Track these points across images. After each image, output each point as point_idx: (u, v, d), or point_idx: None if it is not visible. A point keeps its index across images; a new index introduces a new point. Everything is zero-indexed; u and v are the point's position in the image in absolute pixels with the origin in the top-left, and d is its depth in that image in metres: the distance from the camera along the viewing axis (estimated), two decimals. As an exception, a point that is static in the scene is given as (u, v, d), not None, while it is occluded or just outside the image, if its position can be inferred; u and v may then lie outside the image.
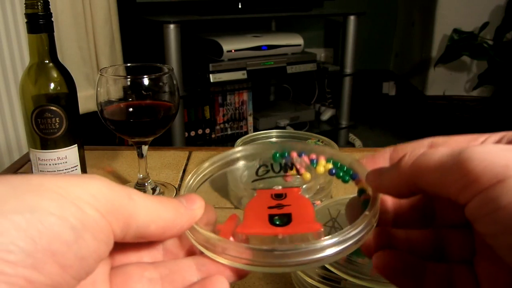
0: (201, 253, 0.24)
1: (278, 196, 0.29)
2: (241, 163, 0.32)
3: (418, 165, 0.23)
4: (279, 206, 0.27)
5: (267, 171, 0.32)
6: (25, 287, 0.16)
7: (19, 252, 0.16)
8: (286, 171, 0.31)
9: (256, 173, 0.31)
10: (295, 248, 0.22)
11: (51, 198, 0.18)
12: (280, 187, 0.30)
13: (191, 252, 0.25)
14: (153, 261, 0.24)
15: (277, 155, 0.31)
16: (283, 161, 0.31)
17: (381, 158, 0.28)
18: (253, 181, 0.31)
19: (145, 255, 0.25)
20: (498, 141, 0.24)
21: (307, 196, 0.30)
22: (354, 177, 0.29)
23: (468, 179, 0.20)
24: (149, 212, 0.22)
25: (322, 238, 0.22)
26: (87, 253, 0.19)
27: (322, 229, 0.25)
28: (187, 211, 0.24)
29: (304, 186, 0.30)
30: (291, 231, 0.25)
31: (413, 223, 0.27)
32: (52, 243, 0.17)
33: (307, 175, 0.30)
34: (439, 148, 0.22)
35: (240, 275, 0.24)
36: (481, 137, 0.25)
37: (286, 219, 0.26)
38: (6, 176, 0.19)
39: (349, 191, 0.67)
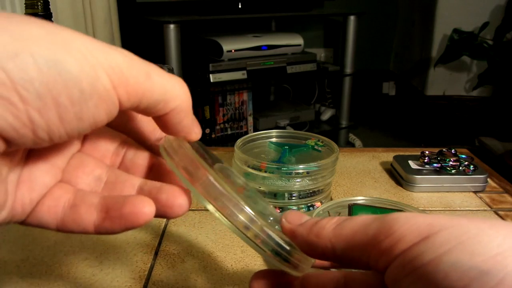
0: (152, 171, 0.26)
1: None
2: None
3: (341, 230, 0.23)
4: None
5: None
6: (26, 124, 0.18)
7: (33, 92, 0.18)
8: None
9: None
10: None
11: (75, 56, 0.19)
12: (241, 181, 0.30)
13: (140, 172, 0.26)
14: (110, 164, 0.26)
15: None
16: None
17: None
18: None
19: (108, 157, 0.26)
20: None
21: None
22: None
23: (391, 240, 0.20)
24: (164, 93, 0.22)
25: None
26: (86, 116, 0.19)
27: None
28: (192, 119, 0.25)
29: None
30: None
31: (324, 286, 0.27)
32: (61, 95, 0.18)
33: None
34: (362, 215, 0.23)
35: (180, 207, 0.24)
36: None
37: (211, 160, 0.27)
38: (39, 20, 0.19)
39: (349, 193, 0.67)
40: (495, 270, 0.18)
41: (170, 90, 0.22)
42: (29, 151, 0.23)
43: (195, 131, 0.25)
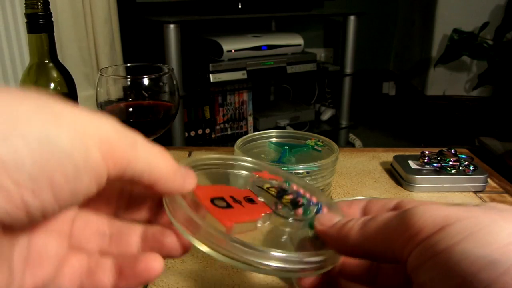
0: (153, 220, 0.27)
1: (250, 200, 0.30)
2: (244, 172, 0.33)
3: (366, 229, 0.24)
4: (236, 202, 0.29)
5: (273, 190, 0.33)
6: (18, 206, 0.18)
7: (26, 174, 0.17)
8: (293, 208, 0.32)
9: (262, 185, 0.32)
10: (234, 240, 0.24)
11: (67, 131, 0.19)
12: (263, 200, 0.31)
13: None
14: (110, 217, 0.26)
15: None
16: (293, 195, 0.32)
17: (356, 206, 0.29)
18: (256, 186, 0.32)
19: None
20: None
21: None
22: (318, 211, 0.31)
23: (411, 232, 0.21)
24: (148, 163, 0.23)
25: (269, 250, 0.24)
26: (80, 190, 0.20)
27: (232, 227, 0.26)
28: (180, 178, 0.25)
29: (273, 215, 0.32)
30: (211, 212, 0.27)
31: (358, 278, 0.29)
32: (55, 173, 0.18)
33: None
34: (386, 212, 0.24)
35: (184, 248, 0.25)
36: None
37: (223, 206, 0.28)
38: (29, 94, 0.19)
39: (349, 193, 0.67)
40: (504, 259, 0.19)
41: (153, 161, 0.23)
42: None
43: (186, 186, 0.25)
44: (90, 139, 0.20)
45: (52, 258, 0.23)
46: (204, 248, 0.24)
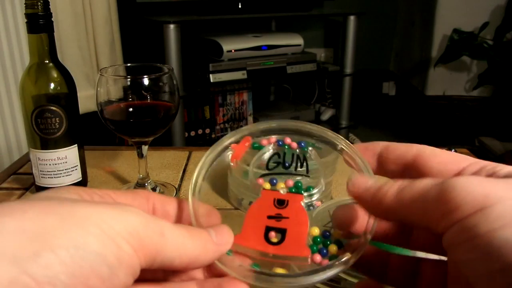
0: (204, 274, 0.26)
1: (280, 203, 0.29)
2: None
3: (402, 197, 0.24)
4: (278, 218, 0.29)
5: (278, 164, 0.32)
6: None
7: (61, 285, 0.18)
8: (296, 168, 0.32)
9: (267, 166, 0.32)
10: (279, 274, 0.25)
11: (95, 234, 0.19)
12: (285, 190, 0.30)
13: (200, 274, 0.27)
14: (161, 283, 0.26)
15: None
16: (296, 153, 0.32)
17: (371, 151, 0.29)
18: (261, 176, 0.31)
19: (156, 278, 0.26)
20: (477, 171, 0.25)
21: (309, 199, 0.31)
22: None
23: (449, 208, 0.21)
24: (177, 249, 0.23)
25: (304, 270, 0.25)
26: (117, 286, 0.20)
27: (309, 255, 0.27)
28: (214, 246, 0.24)
29: (305, 195, 0.31)
30: (281, 252, 0.27)
31: (390, 238, 0.28)
32: (90, 279, 0.19)
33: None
34: (422, 179, 0.23)
35: None
36: (464, 161, 0.26)
37: (280, 236, 0.28)
38: (50, 202, 0.20)
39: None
40: None
41: (180, 245, 0.23)
42: None
43: (223, 249, 0.25)
44: (119, 236, 0.20)
45: None
46: None
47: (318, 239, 0.28)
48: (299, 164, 0.31)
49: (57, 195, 0.22)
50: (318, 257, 0.27)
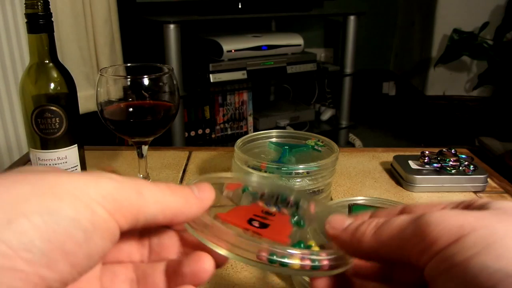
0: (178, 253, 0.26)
1: (268, 213, 0.30)
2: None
3: (380, 235, 0.24)
4: (263, 217, 0.29)
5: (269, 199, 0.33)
6: (37, 283, 0.18)
7: (37, 251, 0.18)
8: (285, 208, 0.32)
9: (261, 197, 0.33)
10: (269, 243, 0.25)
11: (67, 200, 0.19)
12: (274, 209, 0.31)
13: (172, 250, 0.27)
14: (134, 261, 0.26)
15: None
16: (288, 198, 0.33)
17: (391, 214, 0.29)
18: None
19: (134, 253, 0.26)
20: (455, 207, 0.25)
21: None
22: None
23: (427, 242, 0.22)
24: (158, 204, 0.23)
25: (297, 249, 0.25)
26: (94, 252, 0.20)
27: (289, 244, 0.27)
28: (196, 201, 0.25)
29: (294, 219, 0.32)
30: (262, 234, 0.27)
31: (372, 277, 0.29)
32: (65, 243, 0.19)
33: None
34: (398, 216, 0.24)
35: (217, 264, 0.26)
36: (441, 204, 0.26)
37: (262, 225, 0.28)
38: (23, 173, 0.20)
39: (349, 193, 0.67)
40: None
41: (161, 200, 0.23)
42: None
43: (205, 203, 0.25)
44: (92, 201, 0.20)
45: None
46: (223, 251, 0.25)
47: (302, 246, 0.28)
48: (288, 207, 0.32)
49: (30, 168, 0.22)
50: (308, 262, 0.27)
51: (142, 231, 0.27)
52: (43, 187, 0.19)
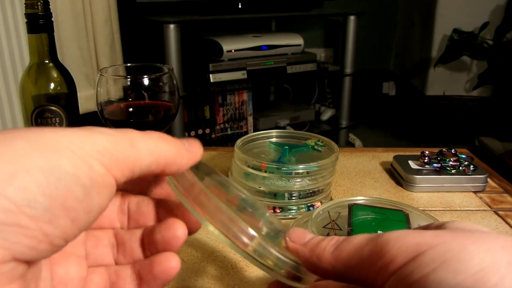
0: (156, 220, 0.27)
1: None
2: None
3: (339, 253, 0.24)
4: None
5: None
6: (41, 239, 0.18)
7: (40, 208, 0.18)
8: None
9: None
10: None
11: (66, 156, 0.19)
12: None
13: (149, 218, 0.27)
14: (115, 227, 0.27)
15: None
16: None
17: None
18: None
19: (115, 220, 0.27)
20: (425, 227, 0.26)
21: None
22: None
23: (384, 261, 0.22)
24: (152, 154, 0.23)
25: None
26: (93, 207, 0.20)
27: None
28: (187, 152, 0.25)
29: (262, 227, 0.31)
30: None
31: None
32: (66, 199, 0.19)
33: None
34: (358, 235, 0.24)
35: (191, 231, 0.26)
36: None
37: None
38: (18, 130, 0.20)
39: (348, 193, 0.67)
40: (477, 285, 0.19)
41: (155, 150, 0.23)
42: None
43: (195, 156, 0.26)
44: (89, 156, 0.20)
45: (75, 282, 0.24)
46: (211, 227, 0.25)
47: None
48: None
49: (24, 128, 0.22)
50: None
51: (123, 199, 0.27)
52: (40, 143, 0.19)
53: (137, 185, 0.27)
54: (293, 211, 0.55)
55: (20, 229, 0.17)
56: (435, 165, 0.66)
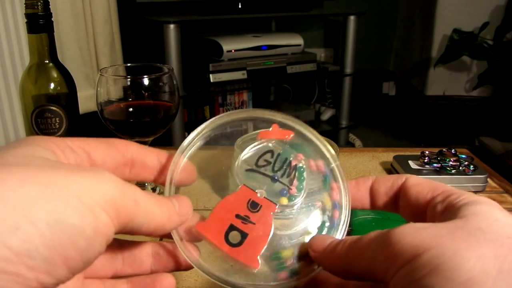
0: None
1: (254, 206, 0.29)
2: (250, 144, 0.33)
3: (351, 251, 0.25)
4: (245, 221, 0.28)
5: (267, 164, 0.31)
6: (35, 286, 0.18)
7: (40, 259, 0.18)
8: (282, 176, 0.31)
9: (256, 162, 0.31)
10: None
11: (73, 206, 0.19)
12: (263, 193, 0.30)
13: (143, 264, 0.28)
14: (112, 276, 0.28)
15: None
16: (289, 160, 0.31)
17: (363, 185, 0.30)
18: (246, 171, 0.31)
19: (109, 268, 0.27)
20: (442, 201, 0.26)
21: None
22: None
23: (392, 257, 0.22)
24: (147, 216, 0.23)
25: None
26: (92, 256, 0.20)
27: (258, 268, 0.28)
28: (177, 218, 0.26)
29: (278, 209, 0.31)
30: (233, 255, 0.27)
31: None
32: (68, 251, 0.19)
33: (284, 200, 0.31)
34: (371, 232, 0.25)
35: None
36: (438, 189, 0.27)
37: (240, 239, 0.28)
38: (33, 170, 0.20)
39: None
40: None
41: (149, 212, 0.24)
42: None
43: (182, 220, 0.27)
44: (97, 206, 0.20)
45: None
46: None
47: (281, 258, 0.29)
48: (286, 173, 0.31)
49: (33, 153, 0.22)
50: (284, 274, 0.27)
51: (114, 250, 0.28)
52: (51, 190, 0.19)
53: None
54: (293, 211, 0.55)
55: (17, 278, 0.17)
56: (435, 165, 0.66)
